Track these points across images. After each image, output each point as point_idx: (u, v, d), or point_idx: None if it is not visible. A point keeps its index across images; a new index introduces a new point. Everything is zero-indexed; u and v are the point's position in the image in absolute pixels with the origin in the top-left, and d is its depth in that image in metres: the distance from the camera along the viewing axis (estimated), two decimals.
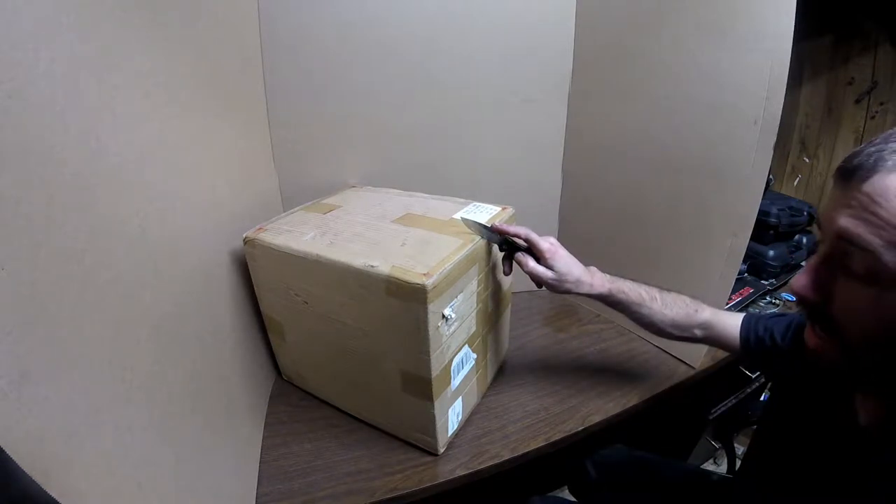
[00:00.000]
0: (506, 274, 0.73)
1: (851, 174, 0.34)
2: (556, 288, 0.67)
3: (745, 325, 0.65)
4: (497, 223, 0.70)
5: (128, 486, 0.38)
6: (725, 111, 0.76)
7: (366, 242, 0.66)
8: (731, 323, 0.66)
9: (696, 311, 0.69)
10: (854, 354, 0.37)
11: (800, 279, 0.38)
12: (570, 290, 0.68)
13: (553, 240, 0.69)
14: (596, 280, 0.69)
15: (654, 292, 0.70)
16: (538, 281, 0.68)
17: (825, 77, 1.56)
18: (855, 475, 0.42)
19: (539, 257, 0.67)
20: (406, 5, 0.90)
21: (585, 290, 0.68)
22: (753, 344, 0.63)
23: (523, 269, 0.68)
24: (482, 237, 0.69)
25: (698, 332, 0.69)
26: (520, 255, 0.68)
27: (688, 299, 0.71)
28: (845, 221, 0.34)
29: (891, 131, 0.35)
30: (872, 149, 0.34)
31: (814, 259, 0.38)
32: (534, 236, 0.68)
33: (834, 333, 0.38)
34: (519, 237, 0.69)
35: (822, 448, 0.46)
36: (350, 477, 0.68)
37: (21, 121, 0.32)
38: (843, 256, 0.35)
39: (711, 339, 0.69)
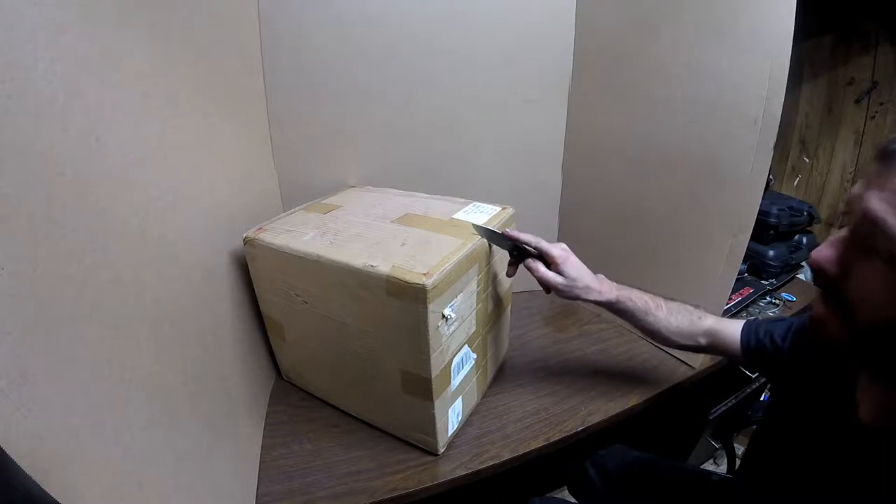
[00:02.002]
0: (508, 276, 0.73)
1: (891, 157, 0.33)
2: (566, 294, 0.68)
3: (746, 330, 0.65)
4: (508, 230, 0.71)
5: (128, 485, 0.38)
6: (725, 111, 0.76)
7: (366, 242, 0.66)
8: (733, 329, 0.66)
9: (700, 318, 0.69)
10: (859, 335, 0.36)
11: (822, 250, 0.38)
12: (579, 297, 0.68)
13: (564, 246, 0.69)
14: (604, 287, 0.69)
15: (660, 300, 0.71)
16: (548, 287, 0.68)
17: (825, 77, 1.56)
18: (854, 472, 0.42)
19: (550, 263, 0.68)
20: (406, 5, 0.90)
21: (594, 296, 0.68)
22: (754, 347, 0.63)
23: (534, 275, 0.68)
24: (493, 243, 0.70)
25: (702, 340, 0.69)
26: (530, 262, 0.68)
27: (690, 307, 0.71)
28: (875, 203, 0.33)
29: None
30: None
31: (837, 233, 0.38)
32: (544, 244, 0.68)
33: (843, 311, 0.37)
34: (529, 244, 0.69)
35: (822, 446, 0.46)
36: (350, 477, 0.68)
37: (21, 121, 0.32)
38: (866, 237, 0.34)
39: (714, 346, 0.69)
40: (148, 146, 0.51)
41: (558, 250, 0.68)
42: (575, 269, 0.67)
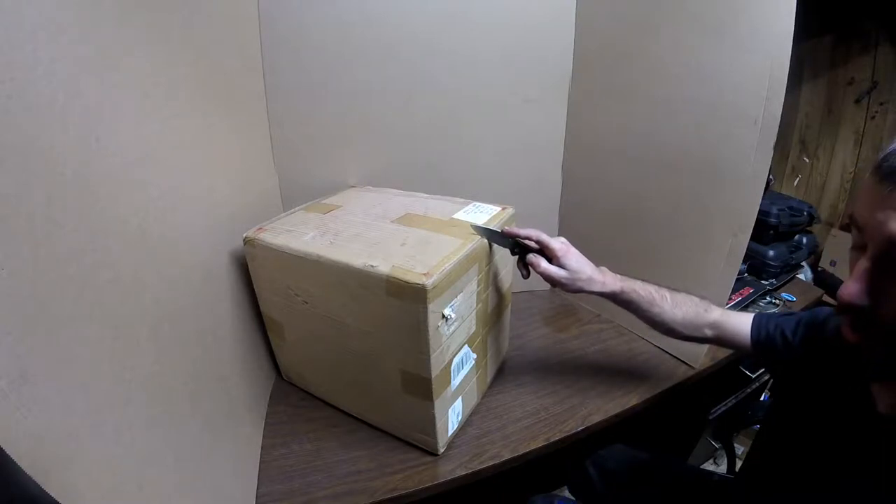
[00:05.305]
0: (524, 278, 0.72)
1: None
2: (569, 286, 0.68)
3: (756, 323, 0.65)
4: (507, 227, 0.71)
5: (128, 485, 0.38)
6: (725, 111, 0.76)
7: (366, 242, 0.66)
8: (742, 322, 0.66)
9: (706, 310, 0.69)
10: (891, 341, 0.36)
11: (850, 287, 0.37)
12: (583, 289, 0.68)
13: (563, 239, 0.69)
14: (608, 279, 0.69)
15: (665, 292, 0.71)
16: (551, 281, 0.68)
17: (825, 77, 1.56)
18: (866, 465, 0.42)
19: (551, 257, 0.68)
20: (406, 5, 0.90)
21: (597, 288, 0.68)
22: (764, 341, 0.63)
23: (536, 270, 0.68)
24: (493, 242, 0.70)
25: (708, 332, 0.69)
26: (532, 257, 0.68)
27: (696, 299, 0.71)
28: None
29: None
30: None
31: (862, 264, 0.37)
32: (545, 237, 0.68)
33: (879, 332, 0.37)
34: (530, 239, 0.69)
35: (832, 441, 0.46)
36: (350, 477, 0.68)
37: (21, 121, 0.32)
38: (893, 260, 0.34)
39: (721, 338, 0.69)
40: (148, 146, 0.51)
41: (558, 244, 0.68)
42: (576, 262, 0.67)
